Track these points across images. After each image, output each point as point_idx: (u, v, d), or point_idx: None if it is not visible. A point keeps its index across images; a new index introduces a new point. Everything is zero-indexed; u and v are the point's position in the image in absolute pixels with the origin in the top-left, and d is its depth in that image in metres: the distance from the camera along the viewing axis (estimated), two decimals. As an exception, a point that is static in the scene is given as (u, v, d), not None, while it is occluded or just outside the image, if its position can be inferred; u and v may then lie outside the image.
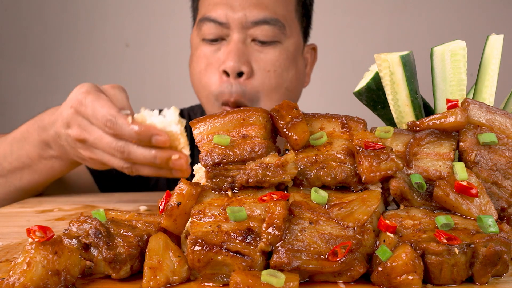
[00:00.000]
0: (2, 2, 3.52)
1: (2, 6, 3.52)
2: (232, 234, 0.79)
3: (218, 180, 0.89)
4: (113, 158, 1.23)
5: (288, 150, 0.94)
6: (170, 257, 0.81)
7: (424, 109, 1.16)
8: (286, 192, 0.89)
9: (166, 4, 3.48)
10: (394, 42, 3.45)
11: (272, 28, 1.65)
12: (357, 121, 0.98)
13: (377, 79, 1.15)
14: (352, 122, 0.98)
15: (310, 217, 0.83)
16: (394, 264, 0.75)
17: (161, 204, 0.88)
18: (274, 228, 0.78)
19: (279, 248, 0.77)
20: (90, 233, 0.82)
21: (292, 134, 0.93)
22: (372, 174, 0.86)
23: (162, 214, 0.86)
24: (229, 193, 0.88)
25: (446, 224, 0.81)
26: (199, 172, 1.02)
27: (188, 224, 0.87)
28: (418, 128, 0.95)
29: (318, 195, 0.86)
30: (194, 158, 1.91)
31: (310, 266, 0.77)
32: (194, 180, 1.02)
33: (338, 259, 0.77)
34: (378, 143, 0.89)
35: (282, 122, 0.94)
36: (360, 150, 0.89)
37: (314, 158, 0.91)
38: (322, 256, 0.77)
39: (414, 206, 0.88)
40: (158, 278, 0.78)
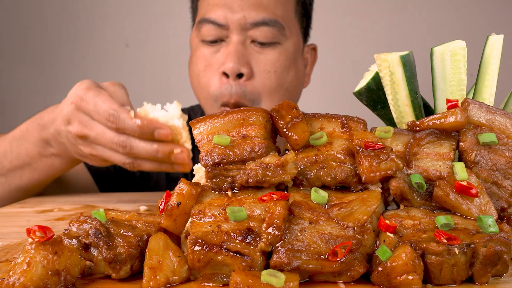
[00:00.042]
0: (2, 2, 3.52)
1: (2, 6, 3.52)
2: (232, 234, 0.79)
3: (218, 180, 0.89)
4: (114, 153, 1.22)
5: (288, 150, 0.94)
6: (170, 257, 0.81)
7: (424, 109, 1.16)
8: (286, 192, 0.89)
9: (166, 4, 3.48)
10: (394, 42, 3.45)
11: (271, 29, 1.64)
12: (357, 121, 0.98)
13: (377, 79, 1.15)
14: (352, 122, 0.98)
15: (310, 217, 0.83)
16: (394, 264, 0.75)
17: (161, 204, 0.88)
18: (274, 228, 0.78)
19: (279, 248, 0.77)
20: (90, 233, 0.82)
21: (292, 134, 0.93)
22: (372, 174, 0.86)
23: (162, 214, 0.86)
24: (229, 193, 0.88)
25: (446, 224, 0.81)
26: (199, 172, 1.02)
27: (188, 224, 0.87)
28: (418, 128, 0.95)
29: (318, 195, 0.86)
30: (194, 158, 1.90)
31: (310, 266, 0.77)
32: (194, 180, 1.02)
33: (338, 259, 0.77)
34: (378, 143, 0.89)
35: (282, 122, 0.94)
36: (360, 150, 0.89)
37: (314, 158, 0.91)
38: (322, 256, 0.77)
39: (414, 206, 0.87)
40: (158, 278, 0.78)
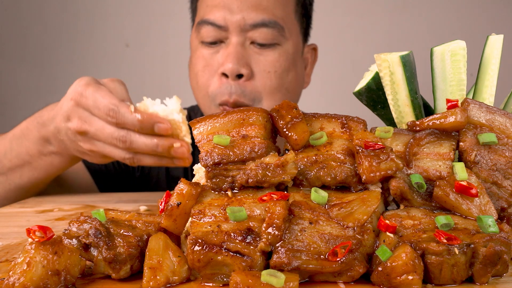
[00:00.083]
0: (2, 2, 3.52)
1: (2, 6, 3.53)
2: (232, 234, 0.79)
3: (218, 180, 0.89)
4: (114, 149, 1.22)
5: (288, 150, 0.94)
6: (170, 257, 0.81)
7: (424, 109, 1.16)
8: (286, 192, 0.89)
9: (166, 4, 3.48)
10: (394, 42, 3.45)
11: (271, 30, 1.64)
12: (357, 121, 0.98)
13: (377, 79, 1.15)
14: (352, 122, 0.98)
15: (310, 217, 0.83)
16: (394, 264, 0.75)
17: (161, 204, 0.88)
18: (274, 228, 0.78)
19: (279, 248, 0.77)
20: (90, 233, 0.82)
21: (292, 134, 0.93)
22: (372, 174, 0.86)
23: (162, 214, 0.86)
24: (229, 193, 0.88)
25: (446, 224, 0.81)
26: (199, 172, 1.02)
27: (188, 224, 0.87)
28: (418, 128, 0.95)
29: (318, 195, 0.86)
30: (194, 158, 1.90)
31: (310, 266, 0.77)
32: (194, 180, 1.02)
33: (338, 259, 0.77)
34: (378, 143, 0.89)
35: (282, 122, 0.94)
36: (360, 150, 0.89)
37: (314, 158, 0.91)
38: (322, 256, 0.77)
39: (414, 206, 0.87)
40: (158, 278, 0.78)
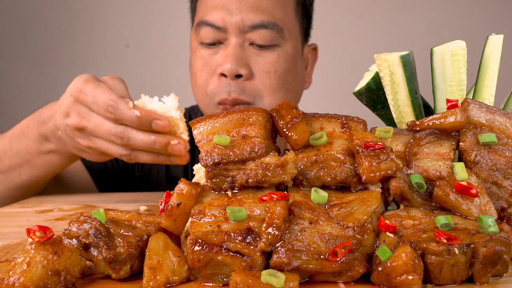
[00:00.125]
0: (2, 2, 3.52)
1: (2, 6, 3.53)
2: (232, 234, 0.79)
3: (218, 180, 0.89)
4: (112, 145, 1.23)
5: (288, 150, 0.94)
6: (170, 257, 0.81)
7: (424, 109, 1.16)
8: (286, 192, 0.89)
9: (166, 4, 3.48)
10: (394, 42, 3.45)
11: (270, 32, 1.63)
12: (357, 121, 0.98)
13: (377, 79, 1.15)
14: (352, 122, 0.98)
15: (310, 217, 0.83)
16: (394, 264, 0.75)
17: (161, 204, 0.88)
18: (274, 228, 0.78)
19: (279, 248, 0.77)
20: (90, 233, 0.82)
21: (292, 134, 0.93)
22: (372, 174, 0.86)
23: (162, 214, 0.86)
24: (229, 193, 0.88)
25: (446, 224, 0.81)
26: (199, 172, 1.02)
27: (188, 224, 0.87)
28: (418, 128, 0.95)
29: (318, 195, 0.86)
30: (194, 158, 1.90)
31: (310, 266, 0.77)
32: (194, 180, 1.02)
33: (338, 259, 0.77)
34: (378, 143, 0.89)
35: (282, 122, 0.94)
36: (360, 150, 0.89)
37: (314, 158, 0.91)
38: (322, 256, 0.77)
39: (414, 206, 0.87)
40: (158, 278, 0.78)
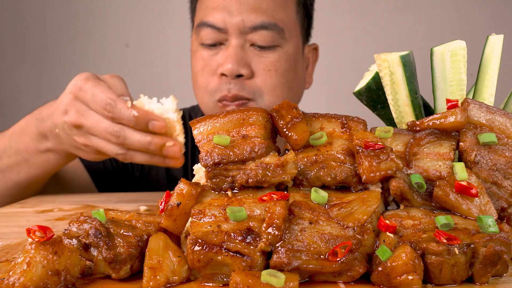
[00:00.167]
0: (2, 2, 3.52)
1: (2, 6, 3.53)
2: (232, 234, 0.79)
3: (218, 180, 0.89)
4: (108, 144, 1.23)
5: (288, 150, 0.94)
6: (170, 257, 0.81)
7: (424, 109, 1.16)
8: (286, 192, 0.89)
9: (166, 4, 3.48)
10: (394, 42, 3.45)
11: (270, 33, 1.63)
12: (357, 121, 0.98)
13: (377, 79, 1.15)
14: (352, 122, 0.98)
15: (310, 217, 0.83)
16: (394, 264, 0.75)
17: (161, 204, 0.88)
18: (274, 228, 0.78)
19: (279, 248, 0.77)
20: (90, 233, 0.82)
21: (292, 134, 0.93)
22: (372, 174, 0.86)
23: (162, 214, 0.86)
24: (229, 193, 0.88)
25: (446, 224, 0.81)
26: (199, 172, 1.02)
27: (188, 224, 0.87)
28: (418, 128, 0.95)
29: (318, 195, 0.86)
30: (194, 158, 1.90)
31: (310, 266, 0.77)
32: (194, 180, 1.02)
33: (338, 259, 0.77)
34: (378, 143, 0.89)
35: (282, 122, 0.94)
36: (360, 150, 0.89)
37: (314, 158, 0.91)
38: (322, 256, 0.77)
39: (414, 206, 0.87)
40: (158, 278, 0.78)
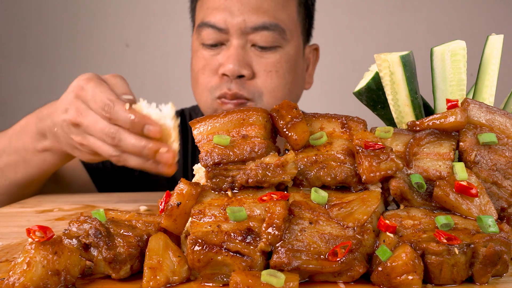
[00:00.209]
0: (2, 2, 3.52)
1: (2, 6, 3.52)
2: (232, 234, 0.79)
3: (218, 180, 0.89)
4: (103, 144, 1.23)
5: (288, 150, 0.94)
6: (170, 257, 0.81)
7: (424, 109, 1.16)
8: (286, 192, 0.89)
9: (166, 4, 3.48)
10: (394, 42, 3.44)
11: (271, 33, 1.63)
12: (357, 121, 0.98)
13: (377, 79, 1.15)
14: (352, 122, 0.98)
15: (310, 217, 0.83)
16: (394, 264, 0.75)
17: (161, 204, 0.88)
18: (274, 228, 0.78)
19: (279, 248, 0.77)
20: (90, 233, 0.82)
21: (292, 134, 0.93)
22: (372, 174, 0.86)
23: (162, 214, 0.86)
24: (229, 193, 0.88)
25: (446, 224, 0.81)
26: (199, 172, 1.02)
27: (188, 224, 0.87)
28: (418, 128, 0.95)
29: (318, 195, 0.86)
30: (194, 158, 1.90)
31: (310, 266, 0.77)
32: (194, 180, 1.02)
33: (338, 259, 0.77)
34: (378, 143, 0.89)
35: (282, 122, 0.94)
36: (360, 150, 0.89)
37: (314, 158, 0.91)
38: (322, 256, 0.77)
39: (414, 206, 0.87)
40: (158, 278, 0.78)
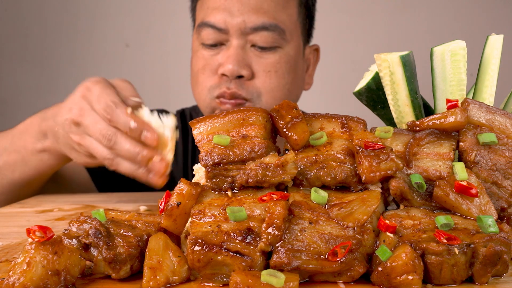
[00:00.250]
0: (2, 2, 3.52)
1: (2, 6, 3.52)
2: (232, 234, 0.79)
3: (218, 180, 0.89)
4: (99, 145, 1.24)
5: (288, 150, 0.94)
6: (170, 257, 0.81)
7: (424, 109, 1.16)
8: (286, 192, 0.89)
9: (166, 4, 3.48)
10: (394, 42, 3.44)
11: (271, 34, 1.63)
12: (357, 121, 0.98)
13: (377, 79, 1.15)
14: (352, 122, 0.98)
15: (310, 217, 0.83)
16: (394, 264, 0.75)
17: (161, 204, 0.88)
18: (274, 228, 0.78)
19: (279, 248, 0.77)
20: (90, 233, 0.82)
21: (292, 134, 0.93)
22: (372, 174, 0.86)
23: (162, 214, 0.86)
24: (229, 193, 0.88)
25: (446, 224, 0.81)
26: (199, 172, 1.02)
27: (188, 224, 0.87)
28: (418, 128, 0.95)
29: (318, 195, 0.86)
30: (194, 158, 1.90)
31: (310, 266, 0.77)
32: (194, 180, 1.02)
33: (338, 259, 0.77)
34: (378, 143, 0.89)
35: (282, 122, 0.94)
36: (360, 150, 0.89)
37: (314, 158, 0.91)
38: (322, 256, 0.77)
39: (414, 206, 0.87)
40: (158, 278, 0.78)
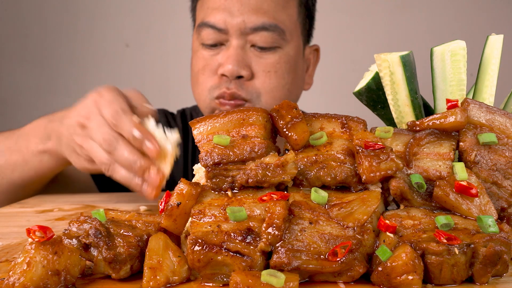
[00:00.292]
0: (2, 2, 3.52)
1: (2, 6, 3.52)
2: (232, 234, 0.79)
3: (218, 180, 0.89)
4: (98, 149, 1.24)
5: (288, 150, 0.94)
6: (170, 257, 0.81)
7: (424, 109, 1.16)
8: (286, 192, 0.89)
9: (166, 4, 3.48)
10: (394, 42, 3.44)
11: (271, 34, 1.63)
12: (357, 121, 0.98)
13: (377, 79, 1.15)
14: (352, 122, 0.98)
15: (310, 217, 0.83)
16: (394, 264, 0.75)
17: (161, 204, 0.88)
18: (274, 228, 0.78)
19: (279, 248, 0.77)
20: (90, 233, 0.82)
21: (292, 134, 0.93)
22: (372, 174, 0.86)
23: (162, 214, 0.86)
24: (229, 193, 0.88)
25: (446, 224, 0.81)
26: (199, 172, 1.02)
27: (188, 224, 0.87)
28: (418, 128, 0.95)
29: (318, 195, 0.86)
30: (194, 158, 1.90)
31: (310, 266, 0.77)
32: (194, 180, 1.02)
33: (338, 259, 0.77)
34: (378, 143, 0.89)
35: (282, 122, 0.94)
36: (360, 150, 0.89)
37: (314, 158, 0.91)
38: (322, 256, 0.78)
39: (414, 206, 0.88)
40: (158, 278, 0.78)
